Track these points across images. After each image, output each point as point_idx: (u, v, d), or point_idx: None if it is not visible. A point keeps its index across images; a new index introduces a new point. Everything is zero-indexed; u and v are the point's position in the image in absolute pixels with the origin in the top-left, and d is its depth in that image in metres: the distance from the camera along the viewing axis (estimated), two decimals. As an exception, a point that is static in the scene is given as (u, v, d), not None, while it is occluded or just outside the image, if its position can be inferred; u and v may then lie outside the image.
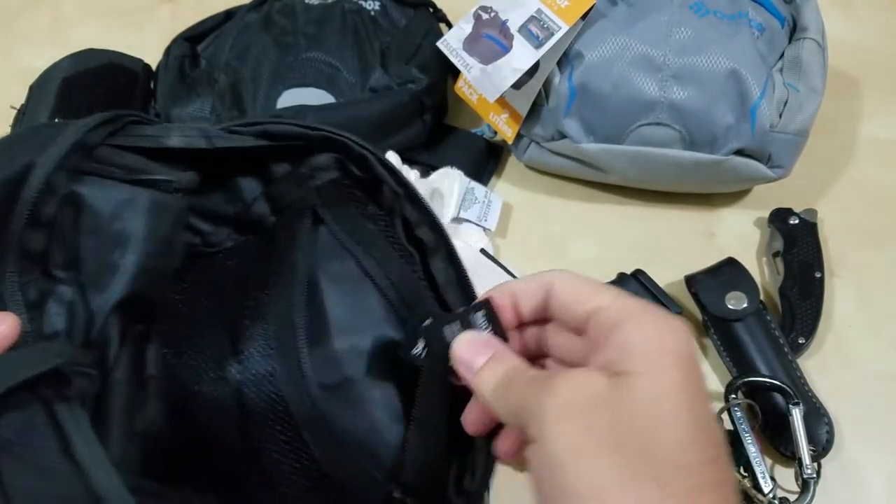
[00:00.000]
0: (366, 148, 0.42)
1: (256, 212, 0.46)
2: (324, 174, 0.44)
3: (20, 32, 0.85)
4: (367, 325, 0.46)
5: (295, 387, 0.43)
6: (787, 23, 0.64)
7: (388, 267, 0.45)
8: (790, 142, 0.60)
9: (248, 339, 0.45)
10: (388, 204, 0.43)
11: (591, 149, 0.61)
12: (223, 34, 0.72)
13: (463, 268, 0.42)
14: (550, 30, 0.59)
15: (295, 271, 0.44)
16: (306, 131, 0.42)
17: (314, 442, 0.43)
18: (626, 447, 0.25)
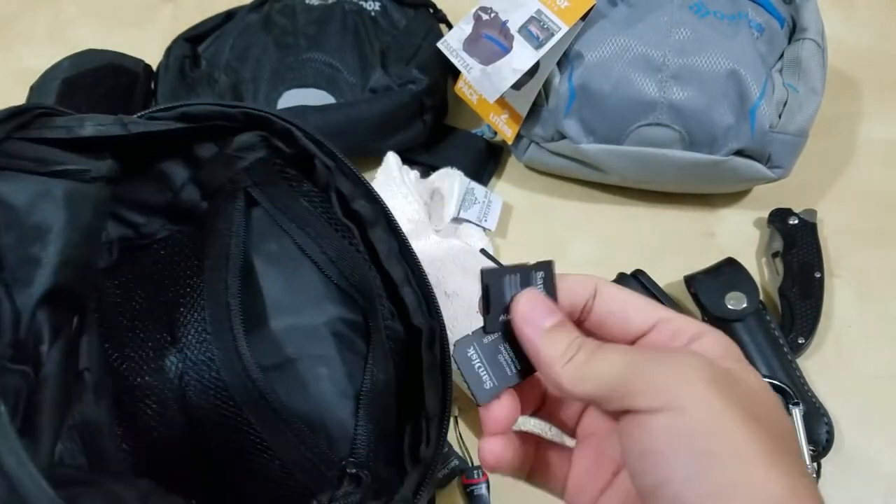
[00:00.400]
0: (289, 122, 0.41)
1: (186, 198, 0.45)
2: (251, 153, 0.44)
3: (20, 33, 0.85)
4: (307, 303, 0.46)
5: (234, 370, 0.43)
6: (786, 23, 0.64)
7: (324, 243, 0.45)
8: (790, 142, 0.60)
9: (185, 326, 0.45)
10: (322, 180, 0.43)
11: (590, 149, 0.61)
12: (224, 35, 0.72)
13: (404, 237, 0.41)
14: (550, 30, 0.59)
15: (228, 255, 0.44)
16: (225, 109, 0.41)
17: (258, 423, 0.43)
18: (762, 423, 0.25)
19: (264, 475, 0.43)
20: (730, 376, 0.26)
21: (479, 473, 0.52)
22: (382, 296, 0.42)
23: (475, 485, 0.51)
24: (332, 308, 0.46)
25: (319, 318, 0.46)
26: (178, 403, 0.44)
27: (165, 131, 0.39)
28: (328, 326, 0.46)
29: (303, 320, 0.46)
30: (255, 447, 0.43)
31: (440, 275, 0.54)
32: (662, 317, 0.29)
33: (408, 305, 0.40)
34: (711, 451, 0.24)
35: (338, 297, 0.46)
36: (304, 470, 0.42)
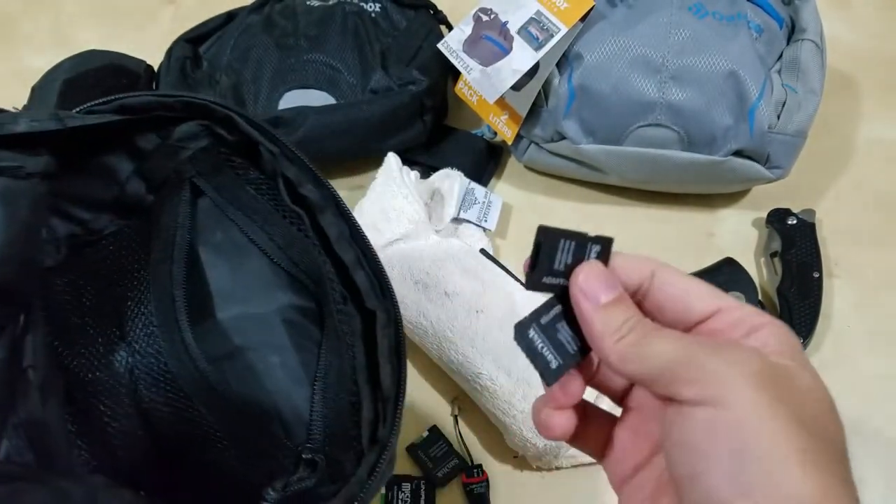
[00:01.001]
0: (229, 109, 0.41)
1: (132, 192, 0.45)
2: (193, 143, 0.44)
3: (22, 33, 0.85)
4: (255, 291, 0.46)
5: (181, 362, 0.43)
6: (785, 24, 0.64)
7: (272, 230, 0.44)
8: (788, 142, 0.60)
9: (133, 321, 0.45)
10: (268, 167, 0.42)
11: (590, 150, 0.61)
12: (225, 36, 0.72)
13: (355, 220, 0.41)
14: (550, 31, 0.59)
15: (174, 247, 0.44)
16: (163, 99, 0.41)
17: (210, 413, 0.43)
18: (806, 424, 0.25)
19: (219, 465, 0.43)
20: (780, 373, 0.26)
21: (478, 472, 0.52)
22: (334, 280, 0.42)
23: (475, 484, 0.52)
24: (282, 295, 0.46)
25: (269, 305, 0.46)
26: (129, 398, 0.44)
27: (103, 124, 0.39)
28: (278, 314, 0.46)
29: (252, 309, 0.46)
30: (209, 438, 0.43)
31: (440, 275, 0.54)
32: (723, 305, 0.29)
33: (360, 289, 0.40)
34: (748, 448, 0.24)
35: (288, 283, 0.46)
36: (259, 458, 0.43)
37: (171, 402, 0.44)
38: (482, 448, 0.54)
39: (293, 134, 0.63)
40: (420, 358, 0.57)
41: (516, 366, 0.51)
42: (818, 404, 0.26)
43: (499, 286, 0.54)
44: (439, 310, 0.53)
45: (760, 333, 0.28)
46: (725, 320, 0.28)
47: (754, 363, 0.25)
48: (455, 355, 0.52)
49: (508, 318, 0.52)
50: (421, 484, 0.51)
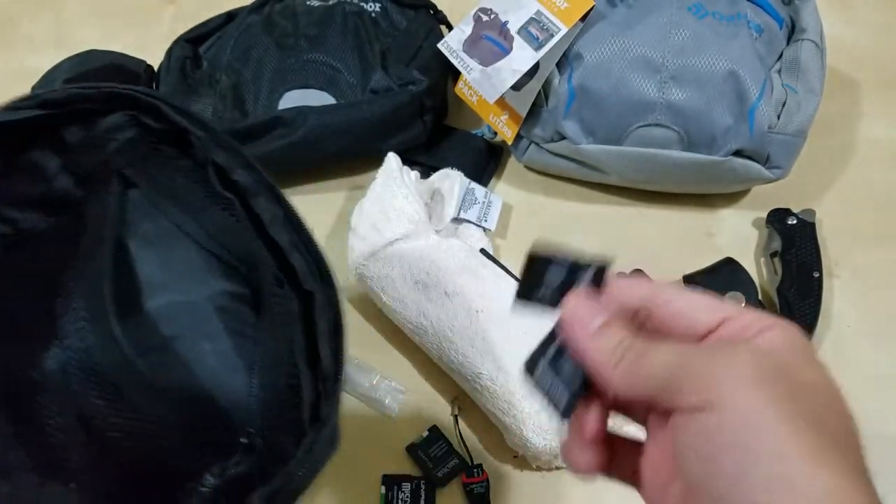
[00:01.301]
0: (154, 96, 0.41)
1: (60, 188, 0.44)
2: (120, 134, 0.43)
3: (22, 33, 0.85)
4: (185, 279, 0.46)
5: (111, 355, 0.43)
6: (785, 24, 0.64)
7: (203, 218, 0.44)
8: (788, 142, 0.60)
9: (64, 317, 0.45)
10: (198, 154, 0.42)
11: (590, 150, 0.62)
12: (225, 36, 0.72)
13: (289, 204, 0.41)
14: (550, 31, 0.59)
15: (102, 240, 0.44)
16: (85, 92, 0.40)
17: (143, 405, 0.43)
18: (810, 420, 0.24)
19: (157, 456, 0.43)
20: (780, 369, 0.25)
21: (478, 472, 0.52)
22: (268, 264, 0.42)
23: (475, 484, 0.52)
24: (213, 282, 0.46)
25: (200, 293, 0.46)
26: (64, 394, 0.44)
27: (25, 120, 0.39)
28: (210, 301, 0.46)
29: (181, 297, 0.46)
30: (144, 429, 0.43)
31: (440, 275, 0.54)
32: (729, 314, 0.28)
33: (297, 271, 0.40)
34: (752, 449, 0.24)
35: (220, 270, 0.46)
36: (197, 446, 0.43)
37: (103, 396, 0.44)
38: (482, 448, 0.54)
39: (293, 134, 0.63)
40: (420, 358, 0.57)
41: (516, 366, 0.51)
42: (823, 398, 0.26)
43: (499, 286, 0.54)
44: (439, 310, 0.53)
45: (768, 335, 0.27)
46: (732, 328, 0.28)
47: (749, 362, 0.25)
48: (455, 355, 0.52)
49: (509, 318, 0.52)
50: (421, 484, 0.51)
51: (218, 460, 0.40)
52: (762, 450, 0.24)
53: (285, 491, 0.36)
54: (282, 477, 0.35)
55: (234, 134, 0.64)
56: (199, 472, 0.39)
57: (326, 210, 0.67)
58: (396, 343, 0.59)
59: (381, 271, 0.55)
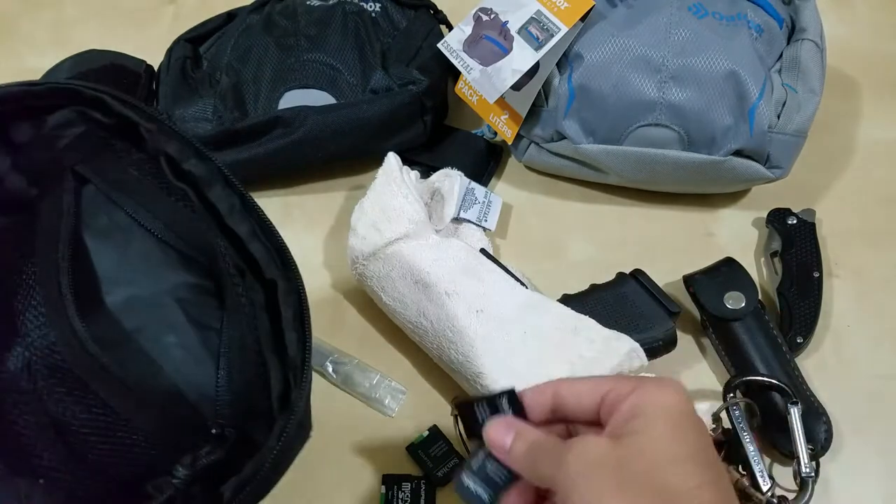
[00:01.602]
0: (98, 90, 0.40)
1: (12, 187, 0.44)
2: (69, 130, 0.43)
3: (22, 33, 0.85)
4: (144, 272, 0.46)
5: (73, 350, 0.43)
6: (785, 24, 0.64)
7: (158, 210, 0.44)
8: (788, 142, 0.60)
9: (24, 314, 0.45)
10: (150, 146, 0.42)
11: (590, 149, 0.62)
12: (225, 35, 0.72)
13: (245, 192, 0.41)
14: (550, 31, 0.59)
15: (58, 237, 0.44)
16: (30, 88, 0.40)
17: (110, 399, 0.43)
18: (635, 489, 0.31)
19: (127, 449, 0.43)
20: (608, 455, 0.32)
21: (479, 472, 0.52)
22: (227, 254, 0.42)
23: (475, 483, 0.52)
24: (172, 275, 0.46)
25: (159, 286, 0.46)
26: (31, 392, 0.44)
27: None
28: (170, 293, 0.46)
29: (141, 291, 0.46)
30: (113, 423, 0.43)
31: (440, 274, 0.54)
32: (602, 395, 0.35)
33: (258, 260, 0.40)
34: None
35: (179, 262, 0.46)
36: (166, 438, 0.43)
37: (70, 392, 0.44)
38: (482, 448, 0.54)
39: (293, 134, 0.63)
40: (420, 358, 0.57)
41: (517, 365, 0.51)
42: (650, 461, 0.31)
43: (499, 286, 0.54)
44: (439, 309, 0.53)
45: (623, 405, 0.34)
46: (607, 410, 0.35)
47: (580, 455, 0.32)
48: (455, 355, 0.52)
49: (509, 317, 0.52)
50: (421, 483, 0.51)
51: (187, 451, 0.40)
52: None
53: (257, 478, 0.36)
54: (253, 465, 0.36)
55: (234, 134, 0.64)
56: (170, 464, 0.39)
57: (326, 210, 0.67)
58: (396, 343, 0.59)
59: (381, 271, 0.55)
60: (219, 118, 0.66)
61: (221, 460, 0.40)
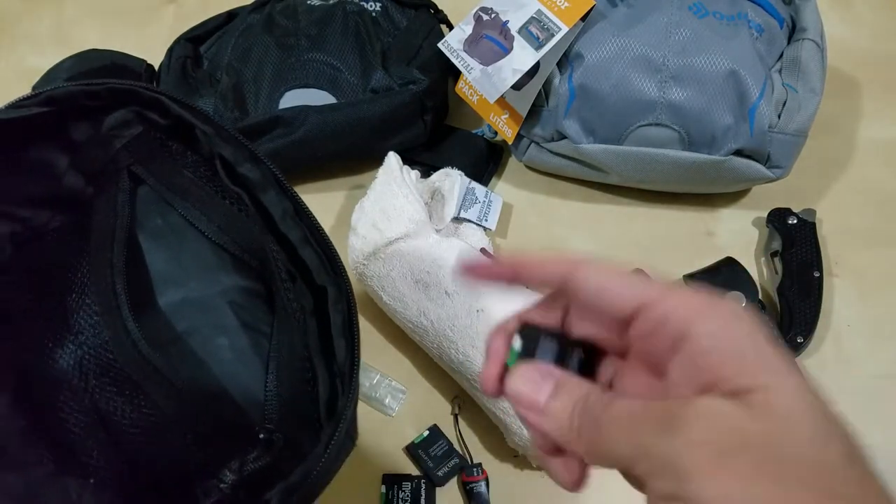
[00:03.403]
0: (156, 91, 0.40)
1: (70, 185, 0.45)
2: (126, 130, 0.43)
3: (23, 33, 0.85)
4: (197, 274, 0.46)
5: (125, 349, 0.43)
6: (786, 24, 0.64)
7: (212, 213, 0.44)
8: (789, 142, 0.60)
9: (77, 313, 0.45)
10: (205, 148, 0.42)
11: (590, 149, 0.62)
12: (225, 35, 0.72)
13: (298, 198, 0.41)
14: (550, 31, 0.59)
15: (113, 236, 0.44)
16: (89, 88, 0.40)
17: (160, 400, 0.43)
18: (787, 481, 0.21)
19: (175, 450, 0.43)
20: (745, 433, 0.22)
21: (478, 471, 0.52)
22: (279, 259, 0.42)
23: (475, 482, 0.52)
24: (225, 277, 0.46)
25: (212, 288, 0.46)
26: (81, 390, 0.44)
27: (31, 117, 0.39)
28: (223, 296, 0.46)
29: (194, 293, 0.46)
30: (162, 424, 0.44)
31: (441, 274, 0.54)
32: (644, 301, 0.25)
33: (309, 265, 0.40)
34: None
35: (232, 265, 0.46)
36: (215, 441, 0.43)
37: (121, 391, 0.44)
38: (482, 447, 0.54)
39: (294, 133, 0.63)
40: (420, 357, 0.57)
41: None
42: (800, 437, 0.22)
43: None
44: (440, 309, 0.53)
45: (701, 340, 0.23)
46: (649, 321, 0.25)
47: (713, 436, 0.21)
48: (456, 354, 0.52)
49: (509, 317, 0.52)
50: (421, 483, 0.51)
51: (236, 456, 0.40)
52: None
53: (304, 486, 0.36)
54: (300, 472, 0.35)
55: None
56: (218, 468, 0.39)
57: (326, 210, 0.67)
58: (396, 343, 0.59)
59: (382, 270, 0.55)
60: (219, 118, 0.66)
61: (268, 466, 0.39)
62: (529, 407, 0.27)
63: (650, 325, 0.25)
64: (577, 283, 0.27)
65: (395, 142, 0.65)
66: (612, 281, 0.26)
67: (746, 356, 0.23)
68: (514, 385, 0.28)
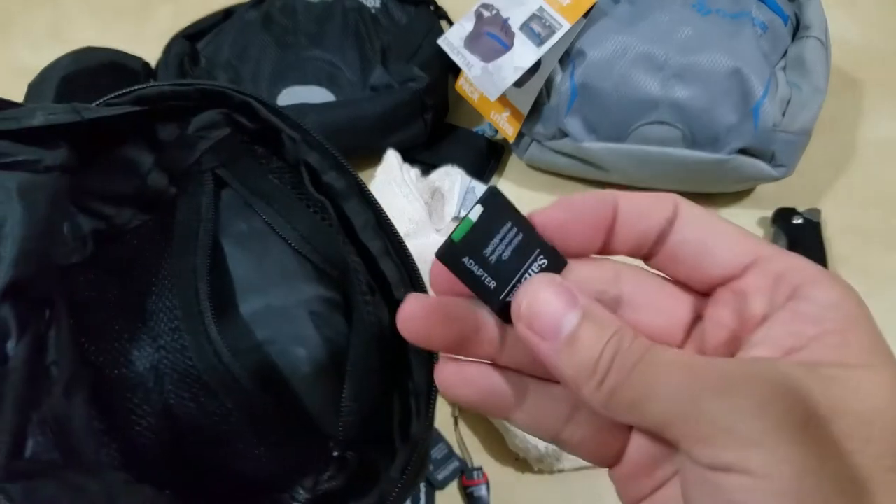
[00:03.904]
0: (247, 94, 0.40)
1: (154, 185, 0.44)
2: (214, 132, 0.43)
3: (19, 30, 0.84)
4: (279, 282, 0.45)
5: (205, 356, 0.43)
6: (790, 21, 0.63)
7: (296, 220, 0.44)
8: (793, 141, 0.60)
9: (157, 315, 0.44)
10: (290, 154, 0.42)
11: (592, 147, 0.61)
12: (223, 32, 0.72)
13: (381, 208, 0.40)
14: (552, 28, 0.59)
15: (197, 239, 0.43)
16: (179, 88, 0.40)
17: (236, 409, 0.42)
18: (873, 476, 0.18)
19: (247, 463, 0.43)
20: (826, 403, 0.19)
21: (478, 475, 0.51)
22: (360, 271, 0.41)
23: (475, 486, 0.51)
24: (307, 286, 0.45)
25: (294, 297, 0.45)
26: (155, 394, 0.44)
27: (121, 115, 0.38)
28: (304, 305, 0.45)
29: (277, 300, 0.45)
30: (235, 433, 0.43)
31: (441, 274, 0.53)
32: (761, 254, 0.22)
33: (389, 279, 0.39)
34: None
35: (313, 274, 0.45)
36: (287, 454, 0.42)
37: (196, 399, 0.43)
38: (483, 450, 0.54)
39: (292, 131, 0.63)
40: (420, 358, 0.57)
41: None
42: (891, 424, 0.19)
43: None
44: (440, 310, 0.52)
45: (814, 298, 0.21)
46: (764, 276, 0.21)
47: (783, 404, 0.18)
48: (455, 356, 0.51)
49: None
50: (421, 486, 0.51)
51: (309, 472, 0.39)
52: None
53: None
54: (376, 495, 0.34)
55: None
56: (290, 483, 0.38)
57: (326, 209, 0.67)
58: (396, 343, 0.58)
59: (381, 271, 0.55)
60: (217, 116, 0.66)
61: (343, 487, 0.38)
62: (547, 332, 0.20)
63: (762, 284, 0.21)
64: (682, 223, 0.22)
65: (394, 140, 0.65)
66: (724, 228, 0.22)
67: (856, 331, 0.21)
68: (538, 296, 0.21)
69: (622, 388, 0.20)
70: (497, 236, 0.22)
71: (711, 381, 0.19)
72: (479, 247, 0.22)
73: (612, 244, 0.23)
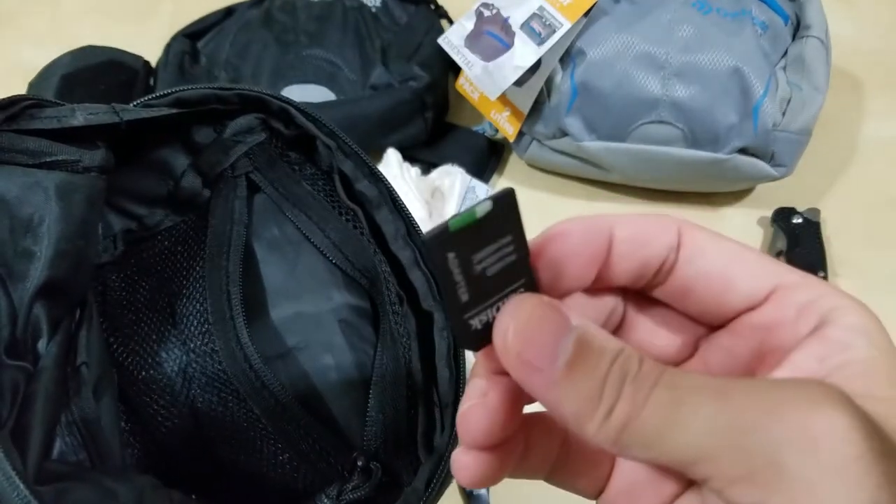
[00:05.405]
0: (285, 101, 0.40)
1: (188, 187, 0.44)
2: (249, 137, 0.43)
3: (19, 28, 0.84)
4: (311, 289, 0.45)
5: (235, 360, 0.43)
6: (790, 21, 0.63)
7: (328, 227, 0.44)
8: (793, 140, 0.60)
9: (188, 318, 0.44)
10: (324, 162, 0.42)
11: (592, 147, 0.61)
12: (223, 31, 0.72)
13: (411, 218, 0.40)
14: (553, 27, 0.58)
15: (229, 243, 0.43)
16: (220, 92, 0.40)
17: (263, 414, 0.42)
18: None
19: (271, 468, 0.43)
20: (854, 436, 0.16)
21: (479, 474, 0.51)
22: (389, 280, 0.41)
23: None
24: (337, 294, 0.45)
25: (324, 304, 0.45)
26: (183, 396, 0.44)
27: (159, 118, 0.39)
28: (334, 313, 0.45)
29: (307, 307, 0.45)
30: (261, 439, 0.43)
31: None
32: (782, 281, 0.19)
33: (417, 289, 0.39)
34: None
35: (343, 282, 0.45)
36: (312, 462, 0.42)
37: (224, 403, 0.43)
38: (483, 449, 0.54)
39: (292, 130, 0.63)
40: (420, 357, 0.57)
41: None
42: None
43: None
44: (440, 309, 0.52)
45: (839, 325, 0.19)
46: (787, 306, 0.19)
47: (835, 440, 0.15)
48: (455, 355, 0.51)
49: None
50: (421, 485, 0.51)
51: (333, 480, 0.39)
52: None
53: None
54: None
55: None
56: (314, 490, 0.38)
57: (326, 207, 0.67)
58: (396, 342, 0.58)
59: (381, 270, 0.55)
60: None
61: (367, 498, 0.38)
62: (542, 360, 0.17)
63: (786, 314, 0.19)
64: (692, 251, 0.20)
65: (394, 139, 0.65)
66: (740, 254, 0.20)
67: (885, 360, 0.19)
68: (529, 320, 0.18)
69: (637, 420, 0.17)
70: (492, 246, 0.19)
71: (745, 409, 0.16)
72: (470, 248, 0.18)
73: (608, 276, 0.21)
